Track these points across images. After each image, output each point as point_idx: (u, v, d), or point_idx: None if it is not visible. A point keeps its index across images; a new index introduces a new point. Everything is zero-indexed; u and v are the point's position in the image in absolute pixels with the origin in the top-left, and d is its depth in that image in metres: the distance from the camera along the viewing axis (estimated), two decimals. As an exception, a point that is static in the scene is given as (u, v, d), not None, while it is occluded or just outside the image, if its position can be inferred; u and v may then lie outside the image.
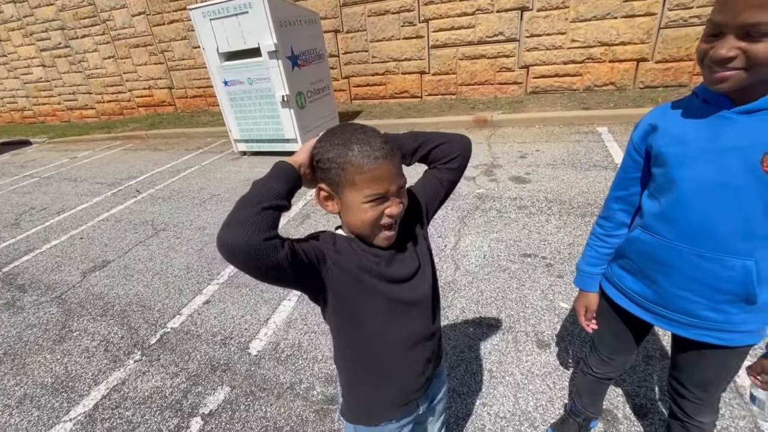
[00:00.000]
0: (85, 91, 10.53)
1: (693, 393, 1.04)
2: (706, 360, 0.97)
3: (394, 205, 0.75)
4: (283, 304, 2.46)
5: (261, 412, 1.77)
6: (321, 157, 0.73)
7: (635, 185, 0.99)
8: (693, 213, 0.84)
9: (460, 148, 0.89)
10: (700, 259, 0.85)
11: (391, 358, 0.85)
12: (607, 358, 1.22)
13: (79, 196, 5.06)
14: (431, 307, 0.89)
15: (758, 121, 0.75)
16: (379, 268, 0.79)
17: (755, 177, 0.75)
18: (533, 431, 1.53)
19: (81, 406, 1.94)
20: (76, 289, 2.96)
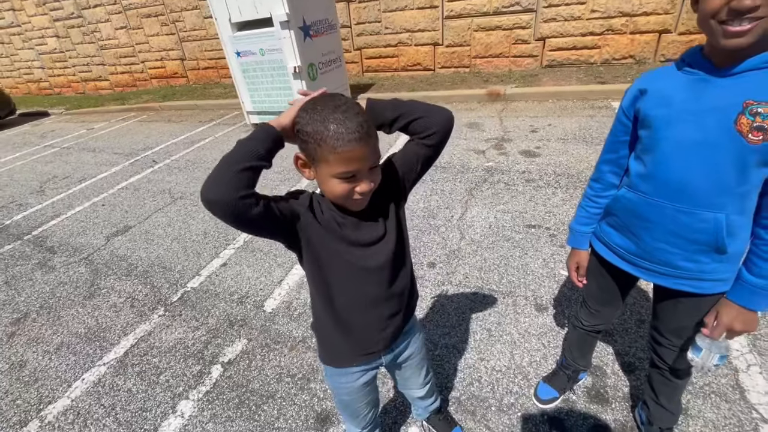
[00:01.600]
0: (98, 62, 10.60)
1: (670, 340, 1.13)
2: (682, 308, 1.06)
3: (364, 184, 0.79)
4: (296, 267, 2.59)
5: (275, 362, 1.93)
6: (301, 128, 0.77)
7: (624, 148, 1.05)
8: (673, 171, 0.90)
9: (439, 124, 0.88)
10: (678, 213, 0.92)
11: (352, 313, 0.94)
12: (595, 311, 1.31)
13: (98, 165, 5.23)
14: (390, 272, 0.94)
15: (735, 83, 0.80)
16: (344, 231, 0.86)
17: (729, 136, 0.81)
18: (526, 383, 1.65)
19: (113, 353, 2.13)
20: (101, 252, 3.14)
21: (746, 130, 0.78)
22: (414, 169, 0.93)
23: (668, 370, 1.19)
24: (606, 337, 1.78)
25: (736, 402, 1.47)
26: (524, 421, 1.52)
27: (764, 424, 1.39)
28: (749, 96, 0.78)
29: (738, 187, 0.84)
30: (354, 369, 1.06)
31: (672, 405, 1.28)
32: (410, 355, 1.17)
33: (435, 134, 0.88)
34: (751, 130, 0.78)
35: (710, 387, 1.53)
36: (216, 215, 0.73)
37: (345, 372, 1.06)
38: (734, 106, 0.79)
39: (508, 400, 1.60)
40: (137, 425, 1.73)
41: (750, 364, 1.58)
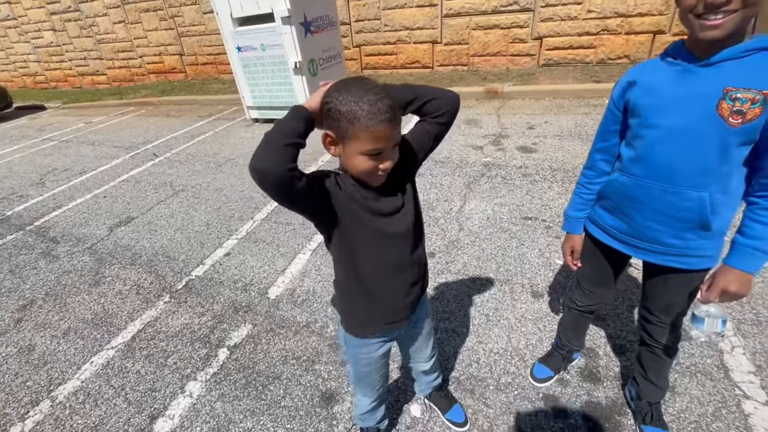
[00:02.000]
0: (96, 56, 10.55)
1: (658, 318, 1.21)
2: (671, 284, 1.14)
3: (388, 162, 0.86)
4: (298, 257, 2.65)
5: (281, 345, 1.99)
6: (333, 107, 0.81)
7: (614, 137, 1.13)
8: (661, 154, 0.98)
9: (449, 105, 0.96)
10: (665, 193, 1.00)
11: (378, 281, 1.01)
12: (589, 291, 1.39)
13: (98, 158, 5.25)
14: (411, 240, 1.02)
15: (715, 72, 0.87)
16: (367, 202, 0.93)
17: (712, 120, 0.88)
18: (523, 364, 1.73)
19: (120, 338, 2.18)
20: (105, 242, 3.18)
21: (727, 114, 0.86)
22: (425, 145, 1.01)
23: (657, 347, 1.27)
24: (598, 322, 1.86)
25: (720, 380, 1.55)
26: (521, 398, 1.59)
27: (746, 399, 1.47)
28: (728, 83, 0.86)
29: (720, 167, 0.92)
30: (374, 340, 1.13)
31: (660, 380, 1.36)
32: (422, 325, 1.25)
33: (446, 113, 0.96)
34: (731, 114, 0.86)
35: (696, 367, 1.61)
36: (265, 187, 0.78)
37: (366, 343, 1.14)
38: (715, 92, 0.87)
39: (505, 380, 1.67)
40: (147, 404, 1.78)
41: (734, 346, 1.67)
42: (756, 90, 0.83)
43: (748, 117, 0.85)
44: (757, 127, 0.85)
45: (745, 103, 0.84)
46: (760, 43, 0.84)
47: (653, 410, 1.39)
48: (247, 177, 3.97)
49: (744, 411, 1.44)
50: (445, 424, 1.53)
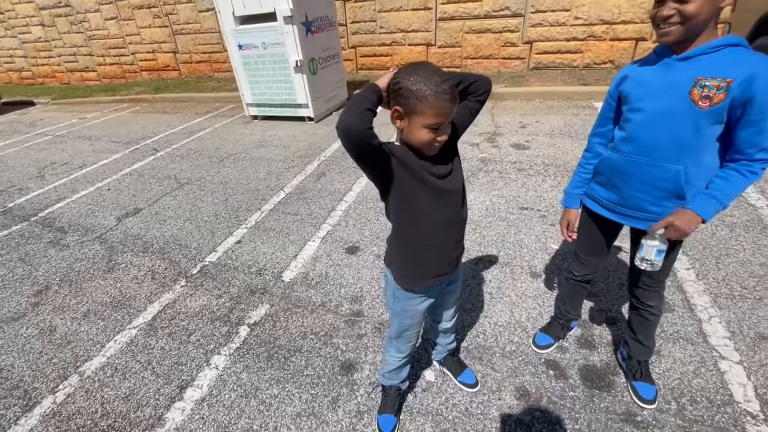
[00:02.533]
0: (86, 52, 10.45)
1: (644, 281, 1.41)
2: None
3: (444, 135, 1.03)
4: (308, 244, 2.78)
5: (299, 322, 2.12)
6: (404, 86, 0.97)
7: (610, 123, 1.33)
8: (645, 133, 1.18)
9: (486, 86, 1.15)
10: (649, 167, 1.19)
11: (434, 232, 1.18)
12: (585, 261, 1.57)
13: (97, 153, 5.27)
14: (461, 198, 1.20)
15: (689, 65, 1.07)
16: (425, 166, 1.10)
17: (686, 104, 1.08)
18: (525, 334, 1.90)
19: (141, 318, 2.28)
20: (114, 231, 3.25)
21: (697, 98, 1.06)
22: (467, 119, 1.18)
23: (644, 309, 1.46)
24: (592, 298, 2.05)
25: (699, 344, 1.75)
26: (525, 363, 1.76)
27: (722, 360, 1.67)
28: (699, 73, 1.05)
29: (694, 143, 1.12)
30: (420, 295, 1.29)
31: (648, 341, 1.54)
32: (456, 285, 1.42)
33: (484, 93, 1.14)
34: (701, 98, 1.05)
35: (678, 334, 1.81)
36: (347, 140, 0.95)
37: (413, 296, 1.29)
38: (689, 81, 1.07)
39: (510, 348, 1.84)
40: (174, 376, 1.89)
41: (711, 316, 1.87)
42: (721, 78, 1.02)
43: (715, 101, 1.04)
44: (723, 109, 1.05)
45: (712, 90, 1.03)
46: (728, 40, 1.04)
47: (642, 368, 1.57)
48: (252, 171, 4.08)
49: (720, 369, 1.63)
50: (457, 386, 1.69)
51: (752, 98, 1.01)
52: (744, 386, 1.56)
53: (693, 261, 2.21)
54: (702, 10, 0.98)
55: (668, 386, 1.59)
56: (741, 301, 1.93)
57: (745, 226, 2.44)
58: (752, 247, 2.26)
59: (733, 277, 2.08)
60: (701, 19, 1.00)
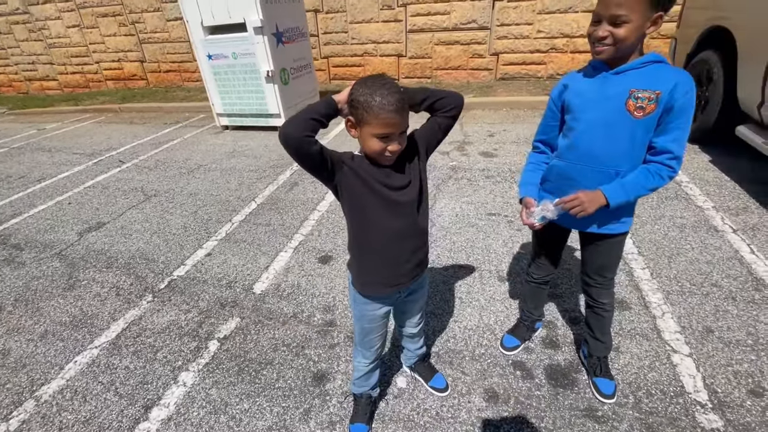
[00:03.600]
0: (46, 61, 10.02)
1: (594, 279, 1.49)
2: (600, 248, 1.42)
3: (394, 145, 1.06)
4: (280, 255, 2.76)
5: (270, 335, 2.09)
6: (355, 97, 1.03)
7: (553, 131, 1.41)
8: (587, 141, 1.27)
9: (455, 102, 1.20)
10: (592, 172, 1.27)
11: (386, 242, 1.21)
12: (541, 263, 1.66)
13: (57, 165, 5.04)
14: (416, 211, 1.22)
15: (623, 78, 1.17)
16: (379, 176, 1.14)
17: (622, 114, 1.17)
18: (493, 337, 1.95)
19: (104, 337, 2.19)
20: (75, 247, 3.12)
21: (633, 109, 1.16)
22: (436, 135, 1.23)
23: (598, 306, 1.54)
24: (556, 299, 2.14)
25: (654, 340, 1.85)
26: (493, 365, 1.81)
27: (674, 353, 1.78)
28: (632, 86, 1.15)
29: (631, 151, 1.21)
30: (377, 300, 1.31)
31: (605, 337, 1.62)
32: (417, 296, 1.44)
33: (453, 109, 1.19)
34: (635, 109, 1.15)
35: (635, 330, 1.91)
36: (286, 147, 1.02)
37: (370, 302, 1.31)
38: (624, 93, 1.16)
39: (479, 351, 1.88)
40: (139, 396, 1.83)
41: (664, 312, 1.99)
42: (651, 90, 1.13)
43: (647, 111, 1.14)
44: (654, 118, 1.15)
45: (644, 101, 1.14)
46: (652, 57, 1.16)
47: (602, 364, 1.65)
48: (222, 182, 4.02)
49: (673, 362, 1.74)
50: (428, 391, 1.71)
51: (672, 107, 1.12)
52: (693, 377, 1.66)
53: (648, 261, 2.34)
54: (631, 35, 1.09)
55: (626, 381, 1.68)
56: (690, 297, 2.06)
57: (693, 226, 2.61)
58: (700, 246, 2.42)
59: (684, 274, 2.22)
60: (630, 42, 1.11)
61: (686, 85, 1.10)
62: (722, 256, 2.31)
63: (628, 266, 2.30)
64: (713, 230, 2.56)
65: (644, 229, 2.62)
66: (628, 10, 1.05)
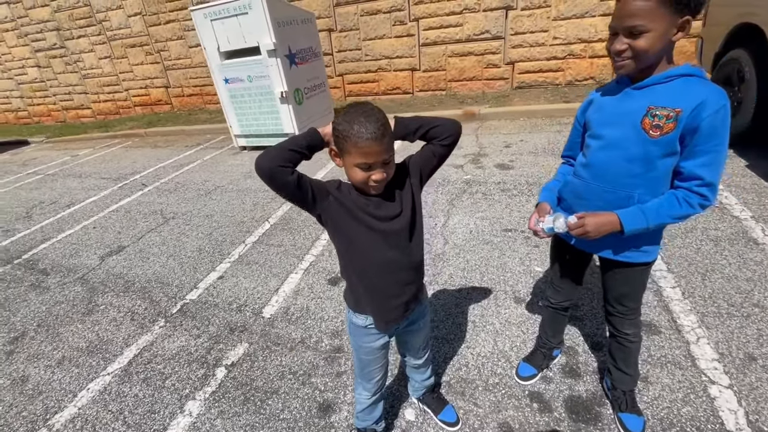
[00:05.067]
0: (81, 91, 10.65)
1: (615, 308, 1.36)
2: (618, 277, 1.30)
3: (378, 174, 1.01)
4: (290, 277, 2.73)
5: (277, 361, 2.05)
6: (335, 126, 1.02)
7: (578, 147, 1.32)
8: (601, 159, 1.17)
9: (451, 130, 1.14)
10: (604, 192, 1.17)
11: (374, 275, 1.14)
12: (559, 288, 1.54)
13: (86, 190, 5.28)
14: (407, 242, 1.14)
15: (643, 93, 1.07)
16: (368, 208, 1.09)
17: (636, 132, 1.07)
18: (509, 365, 1.83)
19: (116, 363, 2.21)
20: (97, 271, 3.21)
21: (648, 127, 1.05)
22: (431, 163, 1.17)
23: (621, 336, 1.41)
24: (576, 322, 2.00)
25: (688, 368, 1.68)
26: (508, 397, 1.69)
27: (711, 384, 1.60)
28: (651, 102, 1.05)
29: (646, 173, 1.10)
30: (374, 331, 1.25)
31: (630, 369, 1.48)
32: (418, 326, 1.36)
33: (449, 137, 1.13)
34: (651, 127, 1.04)
35: (666, 357, 1.74)
36: (260, 176, 0.98)
37: (367, 332, 1.25)
38: (641, 110, 1.06)
39: (493, 381, 1.77)
40: (146, 426, 1.81)
41: (699, 337, 1.81)
42: (671, 108, 1.01)
43: (665, 130, 1.03)
44: (673, 139, 1.03)
45: (662, 119, 1.02)
46: (683, 71, 1.03)
47: (628, 398, 1.51)
48: (238, 202, 4.08)
49: (710, 395, 1.57)
50: (438, 425, 1.61)
51: (698, 127, 0.99)
52: (735, 413, 1.49)
53: (678, 278, 2.17)
54: (653, 46, 0.98)
55: (657, 416, 1.52)
56: (729, 320, 1.88)
57: (729, 239, 2.40)
58: (738, 261, 2.22)
59: (720, 293, 2.03)
60: (652, 53, 1.00)
61: (715, 103, 0.97)
62: (764, 273, 2.11)
63: (657, 285, 2.13)
64: (753, 243, 2.35)
65: (674, 243, 2.43)
66: (645, 20, 0.95)
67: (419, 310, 1.32)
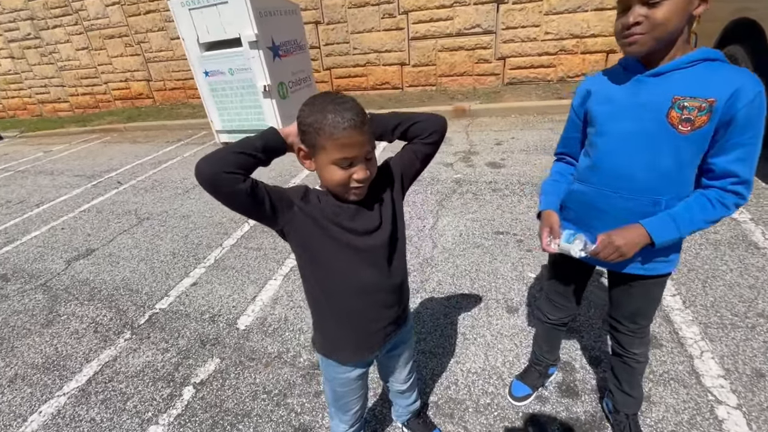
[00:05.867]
0: (57, 83, 10.22)
1: (626, 326, 1.22)
2: (634, 291, 1.15)
3: (361, 171, 0.84)
4: (269, 283, 2.56)
5: (251, 379, 1.88)
6: (302, 120, 0.85)
7: (576, 145, 1.16)
8: (616, 161, 1.00)
9: (435, 126, 0.99)
10: (623, 200, 1.01)
11: (347, 299, 0.97)
12: (559, 305, 1.39)
13: (57, 188, 5.00)
14: (386, 260, 0.98)
15: (664, 81, 0.91)
16: (340, 219, 0.91)
17: (663, 128, 0.91)
18: (501, 382, 1.69)
19: (74, 382, 2.01)
20: (61, 277, 2.98)
21: (677, 122, 0.89)
22: (414, 165, 1.02)
23: (628, 356, 1.27)
24: (573, 334, 1.86)
25: (692, 386, 1.56)
26: (501, 419, 1.55)
27: (718, 405, 1.49)
28: (676, 92, 0.89)
29: (675, 174, 0.95)
30: (348, 367, 1.09)
31: (635, 391, 1.35)
32: (400, 351, 1.21)
33: (434, 134, 0.98)
34: (680, 122, 0.89)
35: (669, 374, 1.62)
36: (202, 185, 0.80)
37: (339, 364, 1.09)
38: (665, 101, 0.90)
39: (484, 401, 1.63)
40: (102, 456, 1.63)
41: (703, 351, 1.70)
42: (702, 98, 0.86)
43: (697, 124, 0.88)
44: (707, 133, 0.89)
45: (693, 111, 0.87)
46: (703, 54, 0.88)
47: (631, 422, 1.38)
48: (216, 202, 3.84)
49: (718, 417, 1.45)
50: (424, 453, 1.47)
51: (733, 118, 0.85)
52: (745, 438, 1.37)
53: (678, 286, 2.05)
54: (673, 18, 0.83)
55: (661, 441, 1.40)
56: (733, 331, 1.76)
57: (729, 243, 2.30)
58: (739, 267, 2.12)
59: (722, 302, 1.92)
60: (671, 28, 0.84)
61: (751, 90, 0.83)
62: (767, 279, 2.01)
63: (656, 293, 2.01)
64: (753, 247, 2.24)
65: (672, 248, 2.32)
66: None
67: (402, 333, 1.16)
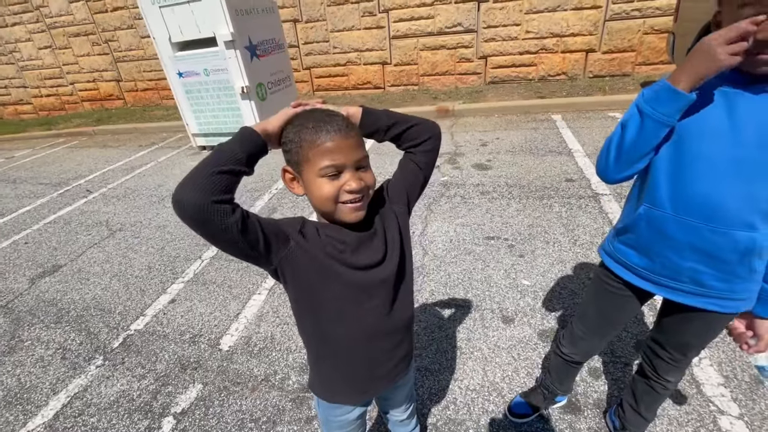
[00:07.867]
0: (19, 84, 9.65)
1: (671, 355, 1.12)
2: (696, 325, 1.04)
3: (353, 180, 0.73)
4: (253, 298, 2.43)
5: (236, 406, 1.76)
6: (285, 140, 0.77)
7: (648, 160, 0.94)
8: (706, 188, 0.84)
9: (431, 131, 0.90)
10: (710, 232, 0.86)
11: (351, 343, 0.87)
12: (582, 337, 1.26)
13: (19, 198, 4.68)
14: (392, 296, 0.87)
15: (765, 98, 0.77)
16: (343, 255, 0.80)
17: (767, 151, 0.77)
18: (501, 399, 1.63)
19: (39, 417, 1.84)
20: (24, 297, 2.76)
21: None
22: (417, 180, 0.93)
23: (659, 382, 1.19)
24: (571, 344, 1.82)
25: (694, 396, 1.54)
26: (502, 440, 1.49)
27: (721, 415, 1.46)
28: None
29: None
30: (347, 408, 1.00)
31: (649, 413, 1.30)
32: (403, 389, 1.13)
33: (430, 139, 0.90)
34: None
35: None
36: (186, 221, 0.66)
37: (337, 406, 0.99)
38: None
39: (484, 420, 1.56)
40: (72, 502, 1.48)
41: (701, 358, 1.68)
42: None
43: None
44: None
45: None
46: None
47: (638, 441, 1.33)
48: (194, 211, 3.68)
49: (721, 428, 1.42)
50: (425, 482, 1.39)
51: None
52: (751, 450, 1.35)
53: (672, 290, 2.04)
54: None
55: (667, 457, 1.36)
56: (728, 336, 1.75)
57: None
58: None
59: (716, 306, 1.91)
60: None
61: None
62: (757, 281, 2.01)
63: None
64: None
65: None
66: None
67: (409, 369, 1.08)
